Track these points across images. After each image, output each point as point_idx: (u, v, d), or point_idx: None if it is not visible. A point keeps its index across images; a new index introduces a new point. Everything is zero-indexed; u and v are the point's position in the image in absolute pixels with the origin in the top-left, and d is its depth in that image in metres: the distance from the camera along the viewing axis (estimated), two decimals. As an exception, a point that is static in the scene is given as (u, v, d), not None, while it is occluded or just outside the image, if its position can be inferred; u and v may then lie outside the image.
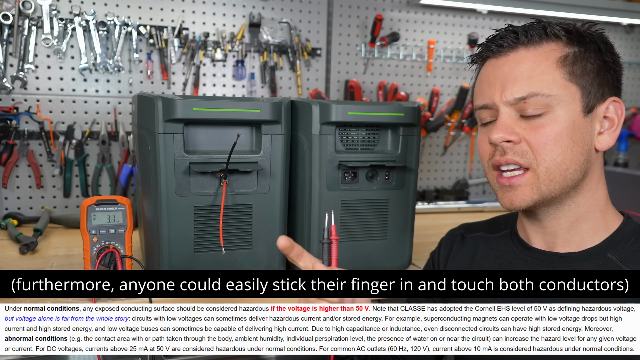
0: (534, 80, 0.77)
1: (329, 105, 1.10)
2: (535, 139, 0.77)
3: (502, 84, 0.79)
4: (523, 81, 0.77)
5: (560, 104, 0.76)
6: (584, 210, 0.82)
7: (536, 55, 0.78)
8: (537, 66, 0.77)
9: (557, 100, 0.76)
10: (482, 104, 0.83)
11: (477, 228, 1.00)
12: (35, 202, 1.64)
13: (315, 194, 1.12)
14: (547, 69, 0.77)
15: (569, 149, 0.77)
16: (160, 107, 1.02)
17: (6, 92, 1.57)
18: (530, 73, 0.77)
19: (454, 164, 2.13)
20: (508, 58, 0.79)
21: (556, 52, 0.78)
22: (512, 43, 0.79)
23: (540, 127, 0.77)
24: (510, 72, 0.78)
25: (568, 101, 0.77)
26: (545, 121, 0.77)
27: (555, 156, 0.77)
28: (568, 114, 0.77)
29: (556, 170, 0.77)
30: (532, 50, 0.78)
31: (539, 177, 0.78)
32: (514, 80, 0.78)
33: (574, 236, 0.82)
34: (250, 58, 1.80)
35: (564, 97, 0.77)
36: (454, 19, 2.04)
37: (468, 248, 0.97)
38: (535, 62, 0.78)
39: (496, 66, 0.81)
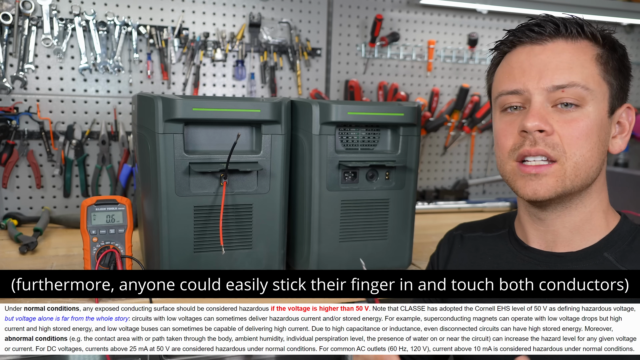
0: (574, 71, 0.77)
1: (329, 105, 1.10)
2: (568, 132, 0.76)
3: (540, 71, 0.78)
4: (563, 70, 0.77)
5: (593, 100, 0.77)
6: (589, 210, 0.82)
7: (575, 49, 0.78)
8: (576, 59, 0.78)
9: (592, 95, 0.77)
10: (512, 89, 0.80)
11: (475, 228, 1.00)
12: (35, 202, 1.64)
13: (315, 194, 1.12)
14: (585, 63, 0.77)
15: (596, 147, 0.77)
16: (160, 107, 1.02)
17: (6, 92, 1.57)
18: (570, 64, 0.77)
19: (454, 164, 2.13)
20: (546, 47, 0.79)
21: (592, 49, 0.79)
22: (553, 33, 0.79)
23: (573, 121, 0.76)
24: (549, 61, 0.78)
25: (600, 99, 0.78)
26: (578, 115, 0.77)
27: (585, 152, 0.77)
28: (598, 111, 0.77)
29: (583, 166, 0.77)
30: (571, 44, 0.78)
31: (566, 172, 0.77)
32: (555, 69, 0.77)
33: (575, 236, 0.82)
34: (250, 58, 1.80)
35: (597, 94, 0.77)
36: (454, 19, 2.04)
37: (467, 248, 0.97)
38: (575, 54, 0.78)
39: (532, 53, 0.79)
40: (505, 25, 2.10)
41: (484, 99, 2.07)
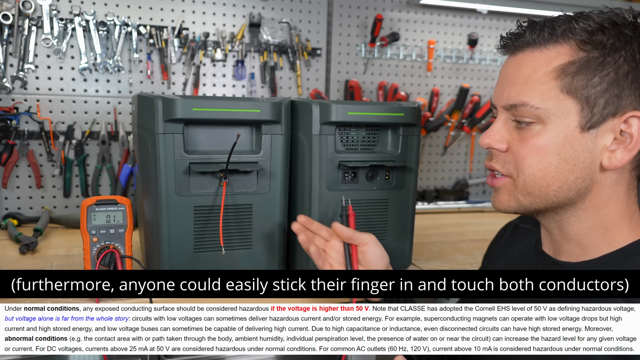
0: (528, 89, 0.72)
1: (329, 105, 1.10)
2: (517, 150, 0.74)
3: (502, 86, 0.76)
4: (518, 87, 0.73)
5: (550, 118, 0.72)
6: (587, 226, 0.77)
7: (539, 60, 0.73)
8: (535, 72, 0.72)
9: (547, 113, 0.71)
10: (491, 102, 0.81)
11: (528, 219, 0.97)
12: (35, 202, 1.64)
13: (315, 194, 1.12)
14: (543, 77, 0.72)
15: (552, 166, 0.73)
16: (160, 107, 1.02)
17: (6, 92, 1.57)
18: (526, 79, 0.73)
19: (454, 164, 2.13)
20: (516, 57, 0.76)
21: (560, 58, 0.71)
22: (520, 42, 0.75)
23: (525, 140, 0.74)
24: (509, 76, 0.75)
25: (560, 115, 0.71)
26: (532, 134, 0.73)
27: (534, 171, 0.73)
28: (558, 129, 0.71)
29: (534, 186, 0.74)
30: (537, 53, 0.73)
31: (517, 187, 0.76)
32: (512, 85, 0.74)
33: (575, 248, 0.79)
34: (250, 58, 1.80)
35: (556, 111, 0.71)
36: (454, 19, 2.04)
37: (513, 239, 0.97)
38: (535, 67, 0.73)
39: (506, 64, 0.77)
40: (505, 25, 2.10)
41: (484, 99, 2.07)
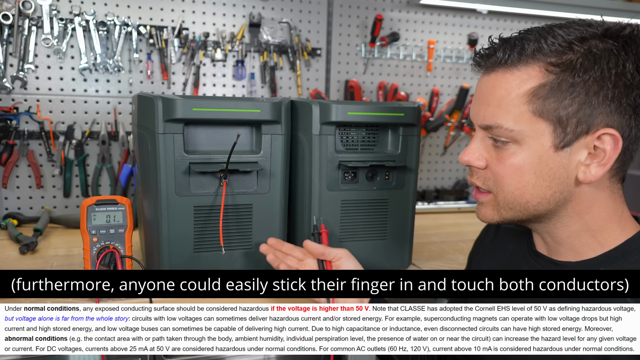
0: (501, 111, 0.74)
1: (329, 105, 1.10)
2: (496, 169, 0.76)
3: (478, 106, 0.78)
4: (492, 109, 0.75)
5: (525, 139, 0.73)
6: (574, 230, 0.78)
7: (510, 82, 0.73)
8: (507, 94, 0.73)
9: (521, 134, 0.73)
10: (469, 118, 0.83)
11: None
12: (35, 202, 1.64)
13: (315, 194, 1.12)
14: (515, 101, 0.72)
15: (529, 184, 0.74)
16: (160, 107, 1.02)
17: (6, 92, 1.57)
18: (500, 101, 0.74)
19: (454, 164, 2.13)
20: (489, 77, 0.76)
21: (530, 82, 0.71)
22: (493, 62, 0.75)
23: (502, 159, 0.75)
24: (485, 95, 0.76)
25: (534, 136, 0.73)
26: (508, 154, 0.75)
27: (513, 189, 0.76)
28: (533, 149, 0.73)
29: (514, 202, 0.76)
30: (509, 74, 0.73)
31: (499, 203, 0.78)
32: (486, 106, 0.76)
33: (568, 250, 0.80)
34: (250, 58, 1.80)
35: (529, 133, 0.73)
36: (454, 19, 2.04)
37: (498, 240, 0.98)
38: (507, 89, 0.73)
39: (481, 82, 0.78)
40: (505, 25, 2.10)
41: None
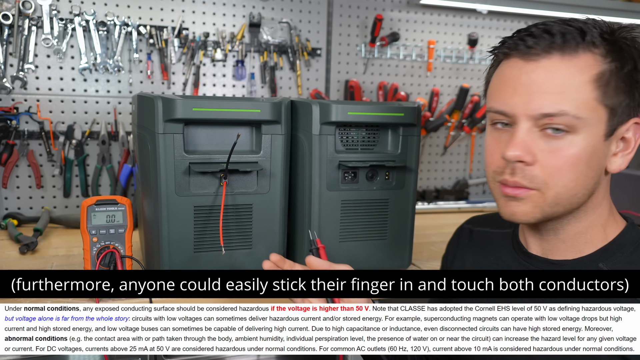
0: (566, 97, 0.69)
1: (329, 105, 1.10)
2: (551, 162, 0.71)
3: (529, 95, 0.71)
4: (554, 96, 0.69)
5: (585, 128, 0.70)
6: (585, 225, 0.78)
7: (571, 67, 0.69)
8: (570, 81, 0.69)
9: (584, 123, 0.69)
10: (500, 109, 0.74)
11: (484, 222, 0.98)
12: (35, 202, 1.64)
13: (315, 194, 1.12)
14: (580, 87, 0.69)
15: (582, 175, 0.72)
16: (160, 107, 1.02)
17: (6, 92, 1.57)
18: (562, 87, 0.69)
19: (454, 164, 2.13)
20: (538, 64, 0.70)
21: (592, 68, 0.69)
22: (546, 47, 0.70)
23: (558, 150, 0.70)
24: (540, 82, 0.70)
25: (594, 125, 0.70)
26: (565, 144, 0.70)
27: (567, 182, 0.72)
28: (590, 138, 0.70)
29: (565, 196, 0.73)
30: (567, 60, 0.70)
31: (545, 200, 0.73)
32: (544, 93, 0.70)
33: (570, 248, 0.80)
34: (250, 58, 1.80)
35: (591, 121, 0.70)
36: (454, 19, 2.04)
37: (475, 244, 0.96)
38: (569, 75, 0.69)
39: (523, 71, 0.71)
40: (505, 25, 2.10)
41: (484, 99, 2.06)
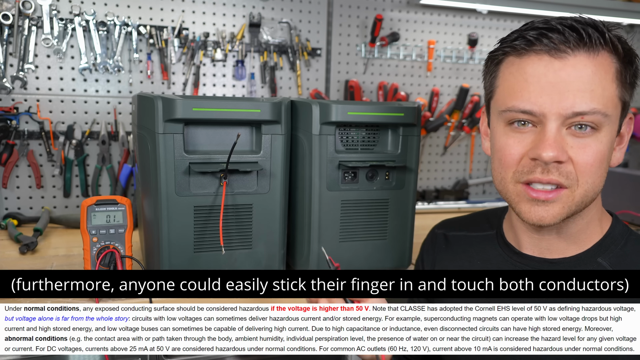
0: (596, 95, 0.69)
1: (329, 105, 1.10)
2: (582, 159, 0.71)
3: (561, 93, 0.69)
4: (586, 94, 0.69)
5: (608, 125, 0.71)
6: (587, 221, 0.79)
7: (596, 65, 0.69)
8: (598, 78, 0.69)
9: (608, 120, 0.71)
10: (526, 109, 0.71)
11: (458, 226, 0.97)
12: (35, 202, 1.64)
13: (315, 194, 1.12)
14: (606, 84, 0.70)
15: (604, 171, 0.74)
16: (160, 107, 1.02)
17: (6, 92, 1.57)
18: (592, 85, 0.69)
19: (454, 164, 2.13)
20: (567, 62, 0.69)
21: (612, 66, 0.71)
22: (575, 44, 0.69)
23: (587, 147, 0.71)
24: (571, 80, 0.69)
25: (614, 121, 0.72)
26: (592, 141, 0.71)
27: (595, 178, 0.73)
28: (610, 134, 0.72)
29: (591, 192, 0.73)
30: (592, 58, 0.70)
31: (575, 199, 0.73)
32: (576, 91, 0.69)
33: (571, 245, 0.80)
34: (250, 58, 1.80)
35: (614, 118, 0.72)
36: (454, 19, 2.04)
37: (453, 250, 0.94)
38: (596, 73, 0.69)
39: (551, 68, 0.69)
40: (505, 25, 2.10)
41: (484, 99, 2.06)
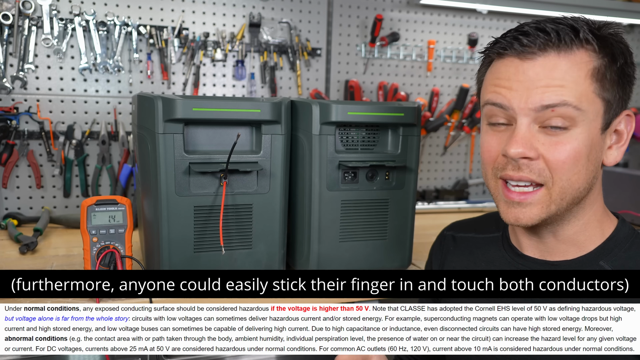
0: (566, 89, 0.71)
1: (329, 105, 1.10)
2: (554, 156, 0.72)
3: (528, 90, 0.72)
4: (554, 88, 0.71)
5: (584, 121, 0.71)
6: (583, 222, 0.79)
7: (568, 63, 0.71)
8: (569, 75, 0.71)
9: (583, 116, 0.71)
10: (496, 102, 0.75)
11: (467, 227, 0.97)
12: (35, 202, 1.64)
13: (315, 194, 1.12)
14: (579, 80, 0.71)
15: (584, 169, 0.73)
16: (160, 107, 1.02)
17: (6, 92, 1.57)
18: (562, 81, 0.71)
19: (454, 164, 2.13)
20: (535, 62, 0.72)
21: (588, 64, 0.72)
22: (542, 45, 0.71)
23: (560, 144, 0.72)
24: (538, 78, 0.71)
25: (592, 118, 0.72)
26: (565, 138, 0.72)
27: (571, 176, 0.73)
28: (588, 132, 0.72)
29: (569, 190, 0.73)
30: (564, 57, 0.71)
31: (552, 196, 0.74)
32: (544, 87, 0.71)
33: (570, 247, 0.80)
34: (250, 58, 1.80)
35: (589, 114, 0.72)
36: (454, 19, 2.04)
37: (461, 251, 0.95)
38: (568, 70, 0.71)
39: (520, 69, 0.73)
40: (505, 25, 2.10)
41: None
